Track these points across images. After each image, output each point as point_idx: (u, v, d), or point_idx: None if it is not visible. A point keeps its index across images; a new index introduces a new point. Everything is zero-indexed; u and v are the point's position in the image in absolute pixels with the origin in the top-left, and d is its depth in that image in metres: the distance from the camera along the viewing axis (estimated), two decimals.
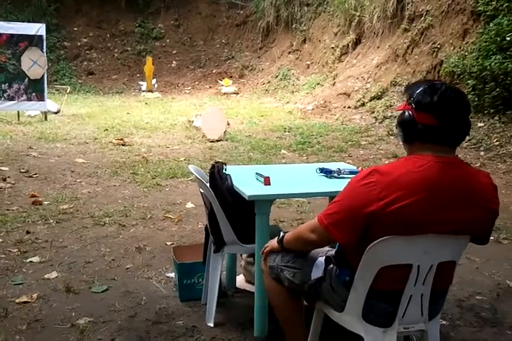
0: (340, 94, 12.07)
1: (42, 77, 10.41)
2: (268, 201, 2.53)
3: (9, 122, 10.06)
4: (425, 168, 1.73)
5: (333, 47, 14.26)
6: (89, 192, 5.43)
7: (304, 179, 2.87)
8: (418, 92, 1.78)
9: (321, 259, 2.05)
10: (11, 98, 10.10)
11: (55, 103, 11.70)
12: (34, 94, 10.27)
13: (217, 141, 8.55)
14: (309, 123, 10.65)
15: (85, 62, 18.78)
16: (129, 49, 19.41)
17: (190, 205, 5.00)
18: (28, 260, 3.57)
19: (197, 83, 17.98)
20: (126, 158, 7.15)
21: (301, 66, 15.64)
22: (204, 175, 2.83)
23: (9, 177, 5.89)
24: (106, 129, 9.47)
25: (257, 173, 2.73)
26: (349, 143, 8.54)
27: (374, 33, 13.03)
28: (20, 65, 10.15)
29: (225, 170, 2.72)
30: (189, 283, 3.00)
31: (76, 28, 19.46)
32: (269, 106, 13.48)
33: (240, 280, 3.24)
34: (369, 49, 13.15)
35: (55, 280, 3.26)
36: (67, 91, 13.13)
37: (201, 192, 2.84)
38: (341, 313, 1.94)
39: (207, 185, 2.67)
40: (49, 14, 18.57)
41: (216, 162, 2.79)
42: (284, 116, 11.77)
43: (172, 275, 3.30)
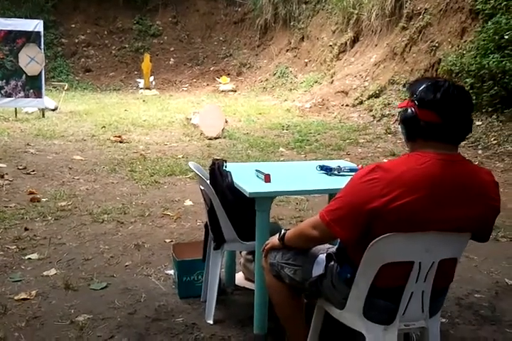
0: (338, 92, 12.07)
1: (39, 74, 10.38)
2: (269, 198, 2.53)
3: (6, 119, 10.03)
4: (427, 165, 1.73)
5: (331, 45, 14.26)
6: (87, 189, 5.42)
7: (304, 176, 2.86)
8: (421, 89, 1.78)
9: (322, 256, 2.05)
10: (9, 95, 10.08)
11: (53, 100, 11.66)
12: (32, 91, 10.24)
13: (215, 139, 8.54)
14: (307, 121, 10.65)
15: (83, 59, 18.72)
16: (127, 46, 19.36)
17: (188, 203, 4.99)
18: (27, 257, 3.56)
19: (195, 80, 17.95)
20: (124, 156, 7.14)
21: (299, 64, 15.63)
22: (204, 172, 2.82)
23: (7, 174, 5.88)
24: (103, 126, 9.45)
25: (257, 170, 2.73)
26: (347, 141, 8.55)
27: (372, 31, 13.02)
28: (17, 62, 10.11)
29: (225, 167, 2.72)
30: (188, 280, 3.00)
31: (73, 25, 19.40)
32: (267, 103, 13.47)
33: (239, 277, 3.24)
34: (367, 47, 13.15)
35: (54, 277, 3.26)
36: (64, 88, 13.08)
37: (201, 189, 2.84)
38: (342, 310, 1.94)
39: (207, 182, 2.66)
40: (46, 11, 18.51)
41: (216, 159, 2.78)
42: (282, 114, 11.76)
43: (171, 272, 3.29)
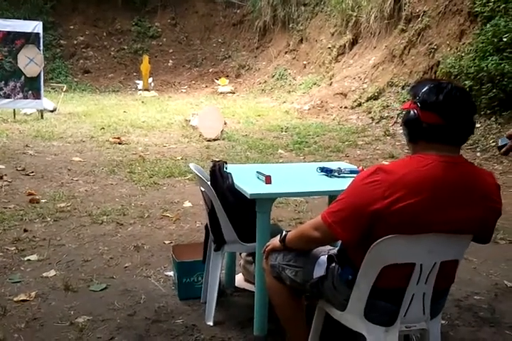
0: (336, 94, 12.08)
1: (38, 75, 10.38)
2: (269, 199, 2.53)
3: (5, 120, 10.02)
4: (430, 168, 1.73)
5: (329, 47, 14.29)
6: (86, 190, 5.42)
7: (305, 178, 2.87)
8: (424, 91, 1.78)
9: (323, 258, 2.05)
10: (7, 96, 10.06)
11: (51, 101, 11.66)
12: (30, 92, 10.23)
13: (214, 140, 8.55)
14: (306, 123, 10.66)
15: (81, 60, 18.73)
16: (126, 47, 19.38)
17: (187, 204, 4.99)
18: (26, 258, 3.55)
19: (193, 82, 17.97)
20: (123, 157, 7.14)
21: (297, 66, 15.65)
22: (205, 174, 2.82)
23: (6, 175, 5.87)
24: (102, 128, 9.45)
25: (258, 172, 2.73)
26: (346, 143, 8.55)
27: (371, 34, 13.05)
28: (16, 63, 10.11)
29: (226, 169, 2.72)
30: (188, 282, 2.99)
31: (72, 26, 19.41)
32: (265, 105, 13.48)
33: (239, 279, 3.24)
34: (366, 49, 13.18)
35: (54, 278, 3.25)
36: (63, 89, 13.08)
37: (202, 190, 2.84)
38: (343, 312, 1.94)
39: (208, 184, 2.66)
40: (45, 12, 18.51)
41: (217, 161, 2.78)
42: (281, 115, 11.77)
43: (171, 273, 3.29)
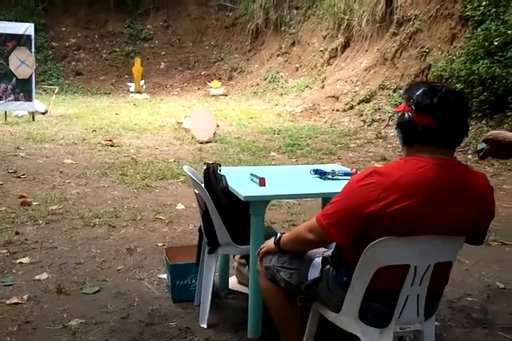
0: (328, 97, 12.12)
1: (30, 77, 10.34)
2: (263, 202, 2.53)
3: None
4: (424, 170, 1.74)
5: (321, 50, 14.34)
6: (78, 193, 5.39)
7: (299, 180, 2.87)
8: (418, 94, 1.79)
9: (318, 260, 2.05)
10: None
11: (43, 103, 11.61)
12: (22, 94, 10.19)
13: (206, 143, 8.55)
14: (298, 125, 10.69)
15: (73, 62, 18.67)
16: (118, 50, 19.35)
17: (180, 206, 4.98)
18: (18, 261, 3.53)
19: (185, 85, 17.96)
20: (115, 159, 7.11)
21: (290, 69, 15.68)
22: (198, 176, 2.82)
23: None
24: (94, 130, 9.42)
25: (252, 174, 2.73)
26: (338, 145, 8.58)
27: (363, 37, 13.11)
28: (8, 65, 10.08)
29: (220, 171, 2.72)
30: (182, 284, 2.98)
31: (64, 28, 19.36)
32: (258, 108, 13.50)
33: (233, 281, 3.24)
34: (358, 52, 13.23)
35: (46, 281, 3.23)
36: (55, 91, 13.03)
37: (195, 192, 2.83)
38: (338, 314, 1.94)
39: (202, 186, 2.66)
40: (37, 14, 18.46)
41: (211, 163, 2.78)
42: (273, 118, 11.79)
43: (164, 276, 3.28)
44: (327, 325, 2.09)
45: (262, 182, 2.61)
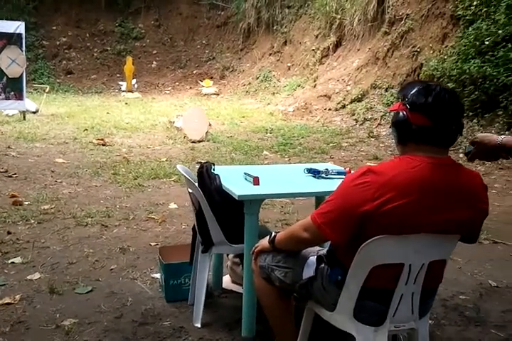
0: (320, 96, 12.14)
1: (20, 76, 10.26)
2: (257, 201, 2.52)
3: None
4: (419, 169, 1.74)
5: (313, 49, 14.34)
6: (70, 192, 5.36)
7: (292, 179, 2.87)
8: (413, 93, 1.80)
9: (313, 259, 2.05)
10: None
11: (34, 102, 11.53)
12: (12, 93, 10.10)
13: (198, 142, 8.53)
14: (290, 124, 10.69)
15: (64, 61, 18.56)
16: (109, 49, 19.25)
17: (173, 206, 4.96)
18: (10, 261, 3.51)
19: (177, 84, 17.91)
20: (106, 159, 7.08)
21: (281, 68, 15.68)
22: (192, 175, 2.81)
23: None
24: (86, 129, 9.38)
25: (246, 173, 2.73)
26: (330, 144, 8.59)
27: (354, 36, 13.13)
28: None
29: (214, 170, 2.71)
30: (176, 284, 2.98)
31: (55, 27, 19.23)
32: (250, 107, 13.49)
33: (226, 280, 3.23)
34: (349, 52, 13.25)
35: (38, 281, 3.21)
36: (45, 90, 12.94)
37: (189, 191, 2.83)
38: (333, 312, 1.95)
39: (195, 185, 2.65)
40: (27, 12, 18.30)
41: (205, 162, 2.78)
42: (265, 117, 11.79)
43: (157, 275, 3.27)
44: (321, 325, 2.09)
45: (256, 181, 2.60)
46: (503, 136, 2.08)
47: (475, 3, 8.95)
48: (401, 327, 1.91)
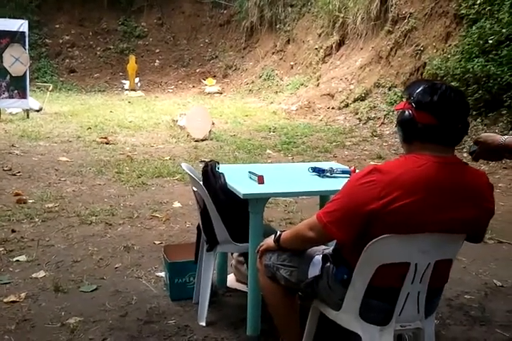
0: (324, 95, 12.12)
1: (24, 74, 10.26)
2: (262, 200, 2.52)
3: None
4: (425, 168, 1.74)
5: (316, 48, 14.32)
6: (74, 190, 5.37)
7: (297, 178, 2.87)
8: (418, 92, 1.79)
9: (318, 257, 2.05)
10: None
11: (37, 101, 11.54)
12: (16, 92, 10.11)
13: (202, 141, 8.53)
14: (293, 123, 10.68)
15: (67, 59, 18.57)
16: (112, 47, 19.26)
17: (177, 204, 4.97)
18: (15, 259, 3.52)
19: (180, 82, 17.91)
20: (110, 157, 7.09)
21: (284, 66, 15.67)
22: (197, 173, 2.81)
23: None
24: (89, 128, 9.38)
25: (251, 172, 2.73)
26: (333, 143, 8.58)
27: (357, 35, 13.10)
28: (1, 62, 9.98)
29: (218, 169, 2.71)
30: (180, 282, 2.98)
31: (58, 26, 19.25)
32: (253, 106, 13.48)
33: (231, 279, 3.23)
34: (352, 50, 13.23)
35: (43, 279, 3.22)
36: (49, 89, 12.96)
37: (194, 190, 2.83)
38: (338, 311, 1.95)
39: (200, 183, 2.65)
40: (30, 11, 18.31)
41: (210, 160, 2.78)
42: (269, 116, 11.78)
43: (162, 274, 3.27)
44: (326, 324, 2.09)
45: (261, 179, 2.60)
46: (507, 136, 2.08)
47: (478, 1, 8.91)
48: (407, 326, 1.91)
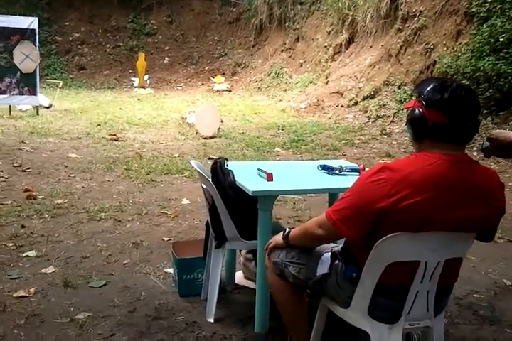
0: (333, 93, 12.10)
1: (34, 71, 10.34)
2: (271, 197, 2.52)
3: (0, 116, 9.98)
4: (435, 166, 1.73)
5: (326, 46, 14.29)
6: (83, 187, 5.40)
7: (306, 176, 2.87)
8: (428, 90, 1.78)
9: (327, 255, 2.04)
10: (3, 92, 10.01)
11: (47, 97, 11.61)
12: (26, 88, 10.18)
13: (210, 138, 8.54)
14: (302, 121, 10.67)
15: (77, 57, 18.67)
16: (121, 44, 19.33)
17: (185, 201, 4.98)
18: (24, 254, 3.54)
19: (189, 80, 17.94)
20: (119, 154, 7.11)
21: (293, 64, 15.64)
22: (206, 171, 2.81)
23: (2, 171, 5.84)
24: (98, 124, 9.42)
25: (259, 169, 2.73)
26: (342, 141, 8.57)
27: (367, 33, 13.05)
28: (12, 59, 10.06)
29: (227, 166, 2.71)
30: (189, 279, 2.99)
31: (68, 23, 19.35)
32: (262, 103, 13.48)
33: (239, 276, 3.24)
34: (362, 48, 13.19)
35: (53, 274, 3.24)
36: (59, 85, 13.03)
37: (203, 187, 2.83)
38: (347, 309, 1.94)
39: (209, 180, 2.66)
40: (40, 8, 18.43)
41: (219, 158, 2.78)
42: (277, 114, 11.77)
43: (170, 270, 3.28)
44: (335, 321, 2.09)
45: (270, 177, 2.60)
46: None
47: None
48: (416, 324, 1.90)
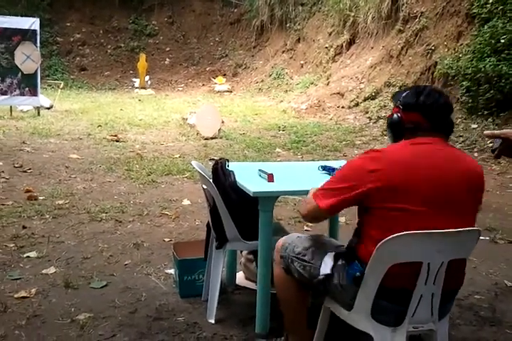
0: (334, 94, 12.10)
1: (35, 72, 10.34)
2: (272, 198, 2.52)
3: (1, 117, 9.99)
4: (418, 147, 1.90)
5: (327, 47, 14.29)
6: (84, 187, 5.40)
7: (307, 176, 2.86)
8: (404, 96, 1.98)
9: (331, 255, 2.04)
10: (4, 92, 10.03)
11: (48, 98, 11.62)
12: (27, 89, 10.19)
13: (211, 139, 8.54)
14: (303, 122, 10.66)
15: (78, 57, 18.68)
16: (122, 45, 19.35)
17: (186, 202, 4.98)
18: (25, 255, 3.54)
19: (190, 81, 17.95)
20: (120, 155, 7.12)
21: (294, 65, 15.65)
22: (207, 171, 2.81)
23: (3, 172, 5.85)
24: (99, 125, 9.43)
25: (260, 170, 2.73)
26: (343, 142, 8.56)
27: (368, 34, 13.06)
28: (13, 59, 10.07)
29: (228, 167, 2.71)
30: (190, 280, 2.98)
31: (69, 24, 19.36)
32: (262, 104, 13.48)
33: (240, 277, 3.24)
34: (363, 49, 13.19)
35: (54, 275, 3.23)
36: (60, 86, 13.04)
37: (204, 188, 2.83)
38: (350, 312, 1.93)
39: (210, 181, 2.66)
40: (42, 9, 18.45)
41: (220, 158, 2.78)
42: (278, 114, 11.77)
43: (171, 271, 3.28)
44: (337, 324, 2.09)
45: (271, 178, 2.60)
46: None
47: (491, 0, 8.84)
48: (420, 327, 1.89)
